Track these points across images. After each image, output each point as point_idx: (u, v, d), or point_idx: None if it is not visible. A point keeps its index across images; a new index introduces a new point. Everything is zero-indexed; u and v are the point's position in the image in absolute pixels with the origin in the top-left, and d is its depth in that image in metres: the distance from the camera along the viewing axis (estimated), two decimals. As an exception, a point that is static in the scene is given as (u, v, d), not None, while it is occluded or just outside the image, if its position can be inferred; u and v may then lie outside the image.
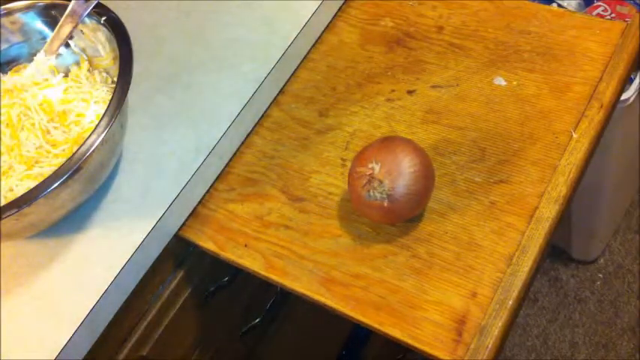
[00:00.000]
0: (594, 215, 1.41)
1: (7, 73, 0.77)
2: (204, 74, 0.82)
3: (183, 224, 0.75)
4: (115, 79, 0.71)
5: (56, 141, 0.70)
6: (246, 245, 0.72)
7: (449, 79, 0.81)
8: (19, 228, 0.65)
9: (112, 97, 0.66)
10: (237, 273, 0.84)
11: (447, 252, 0.67)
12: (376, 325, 0.64)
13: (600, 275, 1.53)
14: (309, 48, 0.87)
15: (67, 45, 0.77)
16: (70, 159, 0.62)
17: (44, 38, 0.77)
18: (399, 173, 0.64)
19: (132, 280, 0.70)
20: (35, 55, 0.76)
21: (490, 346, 0.61)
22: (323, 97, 0.83)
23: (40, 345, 0.64)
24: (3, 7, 0.77)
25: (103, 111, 0.69)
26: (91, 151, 0.63)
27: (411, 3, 0.89)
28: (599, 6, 1.21)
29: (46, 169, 0.68)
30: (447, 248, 0.68)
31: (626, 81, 0.79)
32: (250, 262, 0.71)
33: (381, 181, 0.64)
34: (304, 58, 0.86)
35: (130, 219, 0.71)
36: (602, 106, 0.74)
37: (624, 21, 0.80)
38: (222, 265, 0.74)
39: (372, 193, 0.65)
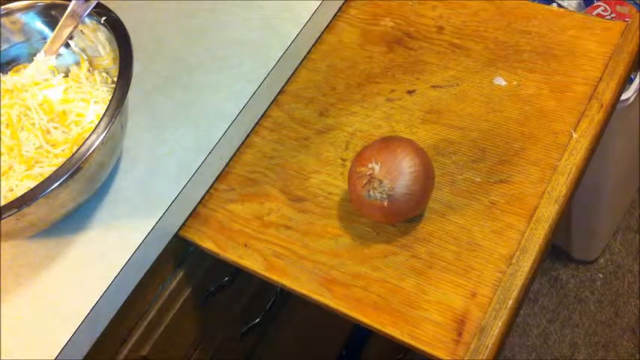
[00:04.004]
0: (594, 215, 1.41)
1: (7, 73, 0.77)
2: (204, 74, 0.82)
3: (183, 224, 0.75)
4: (115, 79, 0.71)
5: (56, 141, 0.70)
6: (246, 245, 0.72)
7: (449, 79, 0.81)
8: (19, 228, 0.65)
9: (112, 97, 0.66)
10: (237, 273, 0.84)
11: (447, 252, 0.67)
12: (376, 325, 0.64)
13: (600, 275, 1.53)
14: (309, 48, 0.87)
15: (67, 45, 0.77)
16: (70, 159, 0.62)
17: (44, 38, 0.77)
18: (399, 173, 0.64)
19: (132, 280, 0.70)
20: (35, 55, 0.76)
21: (490, 346, 0.61)
22: (323, 97, 0.83)
23: (40, 345, 0.64)
24: (3, 7, 0.77)
25: (103, 111, 0.69)
26: (91, 151, 0.63)
27: (411, 3, 0.89)
28: (599, 6, 1.21)
29: (46, 169, 0.68)
30: (447, 248, 0.68)
31: (626, 81, 0.79)
32: (250, 262, 0.71)
33: (381, 181, 0.64)
34: (304, 58, 0.86)
35: (130, 219, 0.71)
36: (602, 106, 0.74)
37: (624, 21, 0.80)
38: (222, 265, 0.74)
39: (372, 193, 0.65)
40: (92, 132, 0.64)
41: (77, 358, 0.66)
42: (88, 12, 0.74)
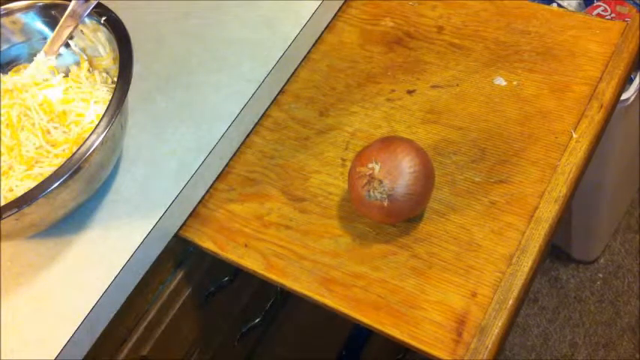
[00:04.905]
0: (594, 215, 1.41)
1: (7, 73, 0.77)
2: (204, 74, 0.82)
3: (184, 224, 0.75)
4: (115, 79, 0.71)
5: (56, 141, 0.70)
6: (246, 245, 0.72)
7: (449, 79, 0.81)
8: (20, 228, 0.65)
9: (112, 97, 0.66)
10: (237, 273, 0.84)
11: (447, 252, 0.67)
12: (376, 325, 0.64)
13: (600, 275, 1.53)
14: (309, 48, 0.87)
15: (67, 45, 0.77)
16: (70, 159, 0.62)
17: (44, 38, 0.77)
18: (399, 173, 0.64)
19: (132, 280, 0.70)
20: (35, 55, 0.76)
21: (490, 346, 0.61)
22: (323, 97, 0.83)
23: (40, 345, 0.64)
24: (3, 7, 0.77)
25: (103, 111, 0.69)
26: (91, 151, 0.63)
27: (411, 3, 0.89)
28: (599, 6, 1.21)
29: (46, 169, 0.68)
30: (447, 248, 0.68)
31: (626, 81, 0.79)
32: (250, 262, 0.71)
33: (381, 181, 0.64)
34: (304, 58, 0.86)
35: (130, 219, 0.71)
36: (602, 106, 0.74)
37: (624, 21, 0.80)
38: (222, 265, 0.74)
39: (372, 193, 0.65)
40: (92, 132, 0.64)
41: (77, 358, 0.66)
42: (88, 12, 0.74)
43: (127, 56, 0.70)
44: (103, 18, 0.73)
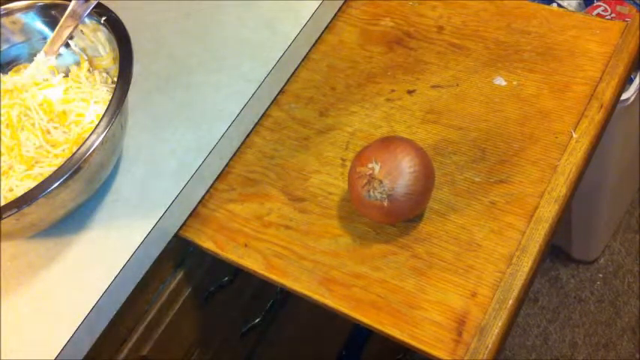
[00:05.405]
0: (594, 215, 1.41)
1: (7, 73, 0.77)
2: (204, 74, 0.82)
3: (184, 224, 0.75)
4: (115, 79, 0.71)
5: (56, 141, 0.70)
6: (246, 245, 0.72)
7: (449, 79, 0.81)
8: (19, 228, 0.65)
9: (112, 97, 0.66)
10: (237, 273, 0.84)
11: (447, 252, 0.67)
12: (376, 325, 0.64)
13: (600, 275, 1.53)
14: (309, 48, 0.87)
15: (67, 45, 0.77)
16: (70, 159, 0.62)
17: (44, 38, 0.77)
18: (399, 173, 0.64)
19: (132, 280, 0.70)
20: (35, 55, 0.76)
21: (490, 346, 0.61)
22: (323, 97, 0.83)
23: (40, 345, 0.64)
24: (3, 7, 0.77)
25: (103, 111, 0.69)
26: (91, 151, 0.63)
27: (411, 3, 0.89)
28: (599, 6, 1.21)
29: (46, 169, 0.68)
30: (447, 248, 0.68)
31: (626, 81, 0.79)
32: (250, 262, 0.71)
33: (381, 181, 0.64)
34: (304, 58, 0.86)
35: (130, 219, 0.71)
36: (602, 106, 0.74)
37: (624, 21, 0.80)
38: (222, 265, 0.74)
39: (372, 193, 0.65)
40: (92, 132, 0.64)
41: (77, 358, 0.66)
42: (88, 12, 0.74)
43: (127, 56, 0.70)
44: (103, 18, 0.73)
